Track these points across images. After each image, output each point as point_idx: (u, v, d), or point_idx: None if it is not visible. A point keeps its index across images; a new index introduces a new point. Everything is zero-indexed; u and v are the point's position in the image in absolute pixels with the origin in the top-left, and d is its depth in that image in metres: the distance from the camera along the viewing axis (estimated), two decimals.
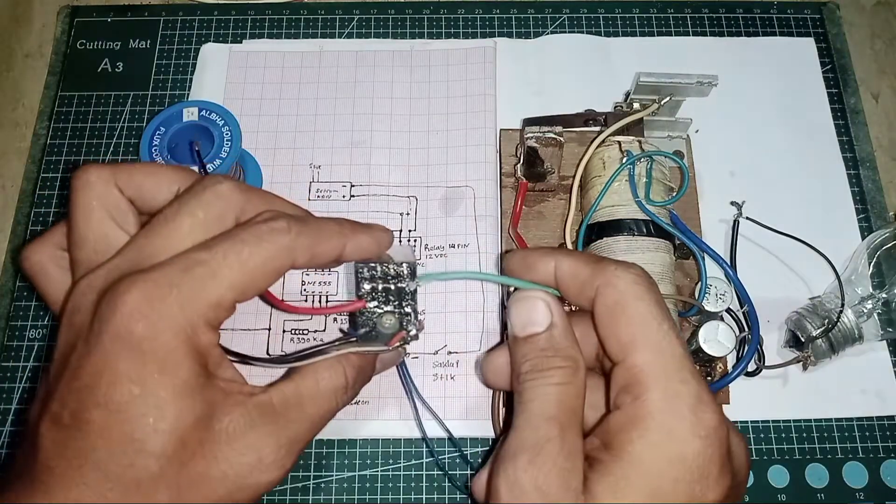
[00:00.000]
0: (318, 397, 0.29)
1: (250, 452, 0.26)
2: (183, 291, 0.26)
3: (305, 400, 0.29)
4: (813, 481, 0.43)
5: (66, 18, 0.55)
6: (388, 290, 0.32)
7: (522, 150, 0.44)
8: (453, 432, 0.42)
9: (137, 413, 0.25)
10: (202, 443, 0.26)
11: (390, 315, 0.33)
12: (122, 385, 0.25)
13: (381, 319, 0.33)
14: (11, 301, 0.47)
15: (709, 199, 0.48)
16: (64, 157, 0.50)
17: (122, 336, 0.25)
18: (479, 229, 0.47)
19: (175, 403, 0.25)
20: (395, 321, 0.33)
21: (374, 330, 0.33)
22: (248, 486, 0.27)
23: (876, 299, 0.43)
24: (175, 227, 0.27)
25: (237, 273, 0.27)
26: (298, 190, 0.49)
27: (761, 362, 0.43)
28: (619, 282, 0.28)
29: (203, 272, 0.26)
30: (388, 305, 0.32)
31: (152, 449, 0.25)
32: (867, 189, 0.50)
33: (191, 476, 0.26)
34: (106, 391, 0.25)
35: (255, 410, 0.27)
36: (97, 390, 0.25)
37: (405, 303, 0.33)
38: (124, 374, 0.25)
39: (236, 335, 0.45)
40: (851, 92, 0.52)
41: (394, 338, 0.33)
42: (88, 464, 0.25)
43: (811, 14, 0.55)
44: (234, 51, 0.53)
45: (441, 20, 0.55)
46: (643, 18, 0.55)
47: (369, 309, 0.33)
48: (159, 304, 0.25)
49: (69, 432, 0.25)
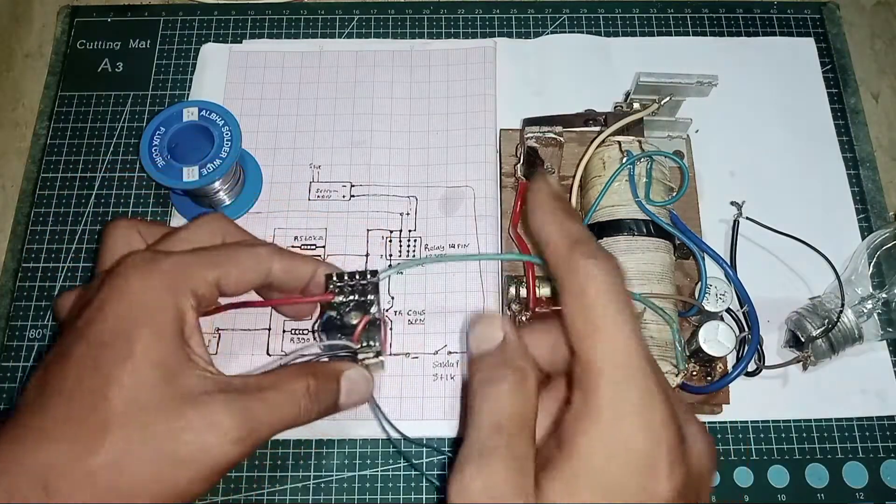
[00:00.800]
0: (279, 393, 0.31)
1: (210, 417, 0.29)
2: (177, 261, 0.32)
3: (267, 391, 0.31)
4: (813, 481, 0.43)
5: (66, 18, 0.55)
6: (353, 286, 0.37)
7: (522, 150, 0.44)
8: (453, 432, 0.43)
9: (115, 349, 0.28)
10: (166, 397, 0.28)
11: (356, 311, 0.37)
12: (106, 323, 0.29)
13: (349, 315, 0.36)
14: (11, 301, 0.47)
15: (709, 199, 0.48)
16: (64, 157, 0.50)
17: (120, 285, 0.30)
18: (479, 229, 0.47)
19: (152, 346, 0.29)
20: (359, 315, 0.36)
21: (341, 322, 0.36)
22: (205, 455, 0.28)
23: (876, 299, 0.43)
24: (181, 236, 0.35)
25: (232, 266, 0.33)
26: (298, 190, 0.49)
27: (761, 362, 0.43)
28: (585, 269, 0.27)
29: (202, 256, 0.33)
30: (352, 296, 0.37)
31: (121, 384, 0.28)
32: (867, 189, 0.50)
33: (153, 427, 0.28)
34: (93, 328, 0.29)
35: (218, 384, 0.30)
36: (87, 329, 0.29)
37: (368, 293, 0.37)
38: (112, 314, 0.29)
39: (236, 335, 0.45)
40: (851, 92, 0.52)
41: (359, 326, 0.36)
42: (62, 398, 0.28)
43: (811, 14, 0.55)
44: (234, 51, 0.53)
45: (441, 20, 0.55)
46: (643, 18, 0.55)
47: (336, 302, 0.37)
48: (155, 264, 0.31)
49: (51, 368, 0.29)
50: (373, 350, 0.37)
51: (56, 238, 0.48)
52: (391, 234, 0.47)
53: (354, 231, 0.47)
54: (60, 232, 0.48)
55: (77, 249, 0.48)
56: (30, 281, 0.47)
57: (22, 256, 0.48)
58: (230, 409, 0.29)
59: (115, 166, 0.50)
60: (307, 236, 0.47)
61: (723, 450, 0.43)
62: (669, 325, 0.39)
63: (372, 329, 0.36)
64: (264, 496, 0.42)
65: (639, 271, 0.40)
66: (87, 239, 0.48)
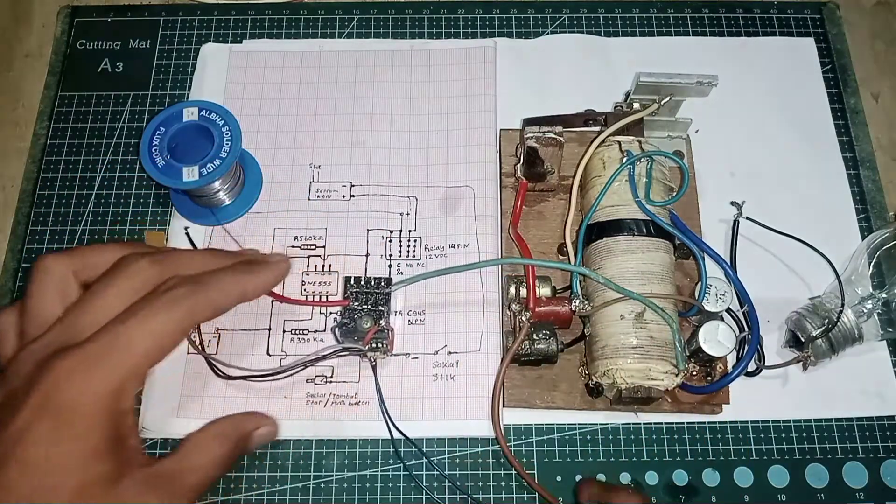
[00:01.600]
0: (197, 470, 0.33)
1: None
2: (103, 364, 0.30)
3: (186, 473, 0.32)
4: (813, 481, 0.43)
5: (66, 18, 0.55)
6: (368, 294, 0.43)
7: (522, 150, 0.44)
8: (453, 433, 0.43)
9: (49, 471, 0.28)
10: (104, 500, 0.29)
11: (367, 317, 0.42)
12: (39, 446, 0.28)
13: (360, 321, 0.42)
14: (11, 301, 0.47)
15: (709, 199, 0.48)
16: (64, 157, 0.50)
17: (48, 403, 0.29)
18: (479, 229, 0.47)
19: (84, 465, 0.29)
20: (371, 322, 0.42)
21: (354, 325, 0.42)
22: None
23: (876, 299, 0.43)
24: (100, 303, 0.32)
25: (149, 342, 0.31)
26: (298, 190, 0.49)
27: (761, 362, 0.43)
28: None
29: (121, 345, 0.30)
30: (367, 304, 0.42)
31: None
32: (867, 189, 0.50)
33: None
34: (25, 449, 0.28)
35: (150, 479, 0.31)
36: (17, 447, 0.28)
37: (380, 304, 0.43)
38: (43, 436, 0.28)
39: (237, 335, 0.45)
40: (851, 92, 0.52)
41: (368, 333, 0.41)
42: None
43: (811, 14, 0.55)
44: (234, 51, 0.53)
45: (441, 20, 0.55)
46: (643, 18, 0.55)
47: (351, 307, 0.42)
48: (82, 375, 0.29)
49: None
50: (380, 350, 0.42)
51: (56, 238, 0.48)
52: (391, 234, 0.47)
53: (354, 231, 0.47)
54: (60, 232, 0.48)
55: None
56: None
57: (22, 256, 0.48)
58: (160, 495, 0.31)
59: (115, 166, 0.50)
60: (307, 236, 0.47)
61: (723, 450, 0.43)
62: (669, 325, 0.39)
63: (380, 334, 0.42)
64: (264, 496, 0.42)
65: (639, 271, 0.40)
66: (87, 239, 0.48)
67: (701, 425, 0.44)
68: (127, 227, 0.48)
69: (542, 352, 0.41)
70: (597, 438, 0.43)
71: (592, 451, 0.43)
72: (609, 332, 0.40)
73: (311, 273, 0.46)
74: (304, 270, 0.46)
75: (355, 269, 0.46)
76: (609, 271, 0.41)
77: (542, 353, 0.41)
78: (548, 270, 0.45)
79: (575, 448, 0.43)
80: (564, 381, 0.43)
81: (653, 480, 0.42)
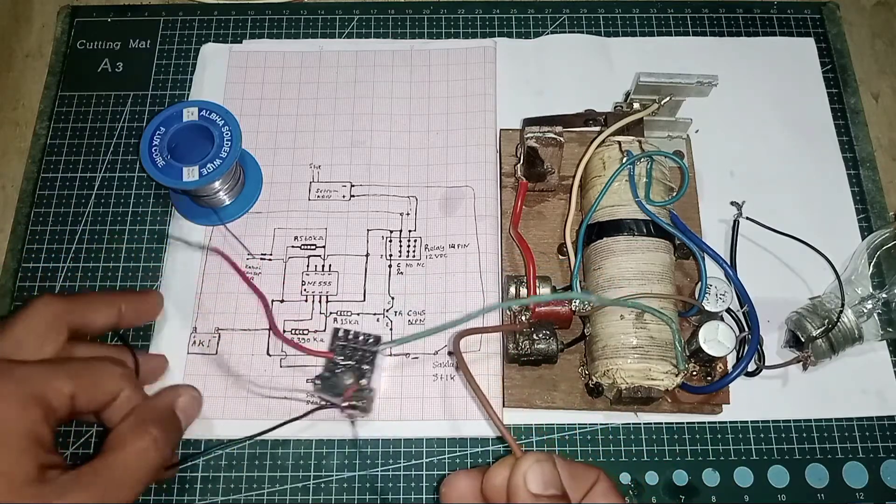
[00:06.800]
0: (126, 461, 0.34)
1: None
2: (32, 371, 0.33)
3: (114, 467, 0.33)
4: (813, 481, 0.43)
5: (66, 18, 0.55)
6: (355, 349, 0.41)
7: (522, 150, 0.44)
8: (453, 432, 0.43)
9: None
10: None
11: (350, 373, 0.40)
12: None
13: (343, 376, 0.40)
14: (11, 301, 0.47)
15: (709, 199, 0.48)
16: (64, 157, 0.50)
17: None
18: (479, 229, 0.47)
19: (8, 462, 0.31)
20: (353, 379, 0.40)
21: (334, 380, 0.40)
22: None
23: (876, 299, 0.43)
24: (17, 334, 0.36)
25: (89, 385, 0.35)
26: (298, 190, 0.49)
27: (761, 362, 0.43)
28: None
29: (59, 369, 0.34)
30: (351, 360, 0.41)
31: None
32: (867, 189, 0.50)
33: None
34: None
35: (70, 481, 0.31)
36: None
37: (365, 362, 0.41)
38: None
39: (236, 335, 0.45)
40: (851, 92, 0.52)
41: (348, 390, 0.40)
42: None
43: (811, 14, 0.55)
44: (234, 51, 0.53)
45: (441, 20, 0.55)
46: (643, 18, 0.55)
47: (335, 360, 0.41)
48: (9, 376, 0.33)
49: None
50: (359, 409, 0.41)
51: (56, 238, 0.48)
52: (391, 234, 0.47)
53: (354, 231, 0.48)
54: (60, 232, 0.48)
55: (77, 249, 0.48)
56: (30, 281, 0.47)
57: (22, 256, 0.48)
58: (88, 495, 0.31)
59: (115, 166, 0.50)
60: (307, 236, 0.47)
61: (723, 450, 0.43)
62: (669, 325, 0.39)
63: (361, 392, 0.40)
64: (264, 496, 0.42)
65: (639, 271, 0.40)
66: (87, 239, 0.48)
67: (701, 425, 0.44)
68: (127, 227, 0.48)
69: (542, 352, 0.41)
70: (597, 438, 0.43)
71: (592, 451, 0.43)
72: (609, 333, 0.40)
73: (311, 273, 0.46)
74: (304, 270, 0.46)
75: (355, 268, 0.46)
76: (609, 271, 0.41)
77: (542, 353, 0.41)
78: (548, 270, 0.45)
79: (575, 448, 0.43)
80: (564, 381, 0.43)
81: (653, 480, 0.42)
